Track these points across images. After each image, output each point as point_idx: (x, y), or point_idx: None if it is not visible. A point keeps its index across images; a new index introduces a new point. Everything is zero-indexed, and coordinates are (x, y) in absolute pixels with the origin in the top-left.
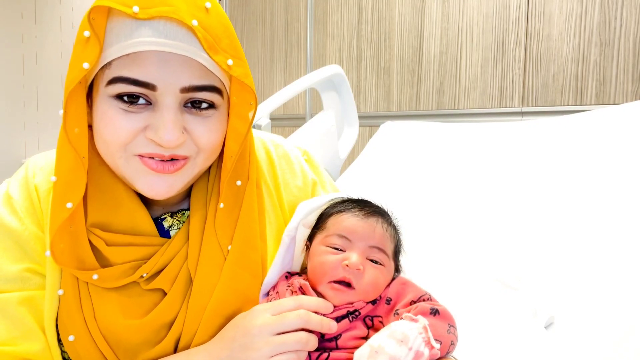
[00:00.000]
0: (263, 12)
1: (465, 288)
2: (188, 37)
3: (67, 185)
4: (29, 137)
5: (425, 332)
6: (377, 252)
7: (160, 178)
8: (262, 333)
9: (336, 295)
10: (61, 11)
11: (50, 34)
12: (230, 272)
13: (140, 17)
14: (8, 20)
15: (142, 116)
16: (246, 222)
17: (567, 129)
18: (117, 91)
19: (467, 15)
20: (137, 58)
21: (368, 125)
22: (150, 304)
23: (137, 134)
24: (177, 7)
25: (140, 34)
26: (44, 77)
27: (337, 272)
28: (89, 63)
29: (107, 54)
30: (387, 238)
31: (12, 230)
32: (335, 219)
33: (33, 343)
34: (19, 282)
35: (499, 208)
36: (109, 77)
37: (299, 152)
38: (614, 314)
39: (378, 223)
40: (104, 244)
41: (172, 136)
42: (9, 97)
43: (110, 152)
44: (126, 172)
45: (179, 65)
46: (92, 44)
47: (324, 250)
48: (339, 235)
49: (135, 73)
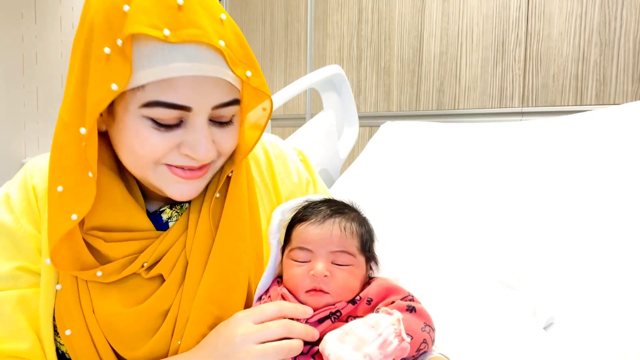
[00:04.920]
0: (263, 12)
1: (466, 288)
2: (216, 57)
3: (75, 197)
4: (29, 137)
5: (398, 324)
6: (340, 255)
7: (188, 184)
8: (245, 342)
9: (315, 301)
10: (61, 11)
11: (50, 34)
12: (216, 258)
13: (172, 40)
14: (8, 20)
15: (176, 134)
16: (232, 211)
17: (567, 129)
18: (155, 115)
19: (467, 15)
20: (172, 82)
21: (368, 125)
22: (150, 293)
23: (170, 150)
24: (205, 28)
25: (174, 59)
26: (44, 77)
27: (306, 283)
28: (118, 85)
29: (139, 77)
30: (347, 237)
31: (7, 228)
32: (296, 230)
33: (21, 342)
34: (11, 281)
35: (499, 208)
36: (144, 100)
37: (294, 152)
38: (614, 314)
39: (334, 225)
40: (102, 242)
41: (208, 152)
42: (9, 97)
43: (141, 165)
44: (153, 180)
45: (210, 86)
46: (119, 64)
47: (291, 264)
48: (299, 247)
49: (172, 97)
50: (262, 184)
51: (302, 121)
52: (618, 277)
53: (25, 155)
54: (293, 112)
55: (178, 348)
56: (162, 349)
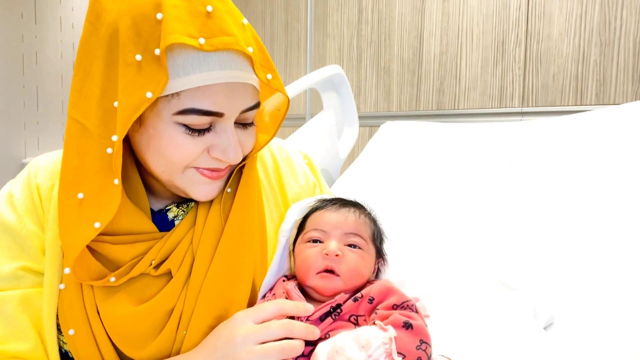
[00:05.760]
0: (263, 12)
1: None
2: (244, 63)
3: (98, 205)
4: (29, 137)
5: (390, 343)
6: (353, 237)
7: (212, 184)
8: (245, 342)
9: (325, 285)
10: (61, 11)
11: (50, 34)
12: (224, 251)
13: (206, 49)
14: (8, 20)
15: (206, 138)
16: (241, 205)
17: (567, 129)
18: (189, 122)
19: (467, 15)
20: (207, 90)
21: (368, 125)
22: (157, 291)
23: (201, 154)
24: (235, 35)
25: (209, 67)
26: (44, 77)
27: (319, 263)
28: (152, 93)
29: (175, 85)
30: (362, 224)
31: (10, 228)
32: (311, 218)
33: (22, 342)
34: (13, 281)
35: (499, 208)
36: (179, 107)
37: (300, 156)
38: (614, 314)
39: (350, 212)
40: (109, 245)
41: (238, 155)
42: (9, 97)
43: (172, 170)
44: (180, 183)
45: (241, 91)
46: (154, 72)
47: (304, 247)
48: (315, 229)
49: (207, 104)
50: (268, 186)
51: (302, 121)
52: (618, 277)
53: (25, 155)
54: (293, 112)
55: (183, 339)
56: (168, 346)
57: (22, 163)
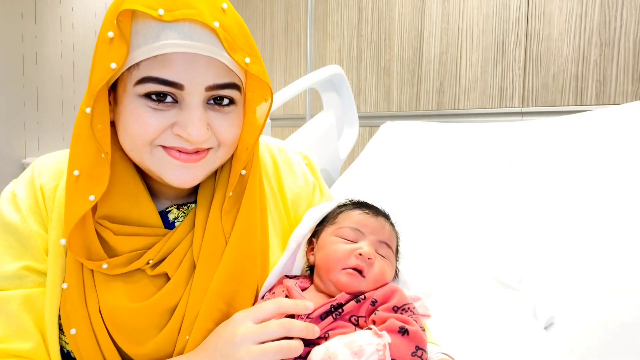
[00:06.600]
0: (263, 12)
1: (466, 288)
2: (210, 38)
3: (91, 178)
4: (29, 137)
5: (384, 350)
6: (385, 247)
7: (185, 168)
8: (245, 342)
9: (349, 281)
10: (61, 11)
11: (50, 34)
12: (230, 257)
13: (166, 19)
14: (8, 20)
15: (170, 114)
16: (248, 210)
17: (567, 129)
18: (146, 90)
19: (467, 15)
20: (164, 59)
21: (368, 125)
22: (155, 290)
23: (164, 130)
24: (199, 9)
25: (167, 36)
26: (44, 77)
27: (349, 261)
28: (116, 63)
29: (134, 55)
30: (393, 236)
31: (14, 227)
32: (345, 214)
33: (25, 341)
34: (16, 280)
35: (499, 208)
36: (137, 77)
37: (300, 157)
38: (613, 314)
39: (386, 222)
40: (111, 234)
41: (199, 133)
42: (9, 97)
43: (137, 146)
44: (152, 164)
45: (204, 65)
46: (118, 44)
47: (336, 240)
48: (351, 227)
49: (164, 73)
50: (267, 187)
51: (302, 121)
52: (618, 278)
53: (25, 155)
54: (293, 112)
55: (185, 343)
56: (169, 345)
57: (22, 163)
